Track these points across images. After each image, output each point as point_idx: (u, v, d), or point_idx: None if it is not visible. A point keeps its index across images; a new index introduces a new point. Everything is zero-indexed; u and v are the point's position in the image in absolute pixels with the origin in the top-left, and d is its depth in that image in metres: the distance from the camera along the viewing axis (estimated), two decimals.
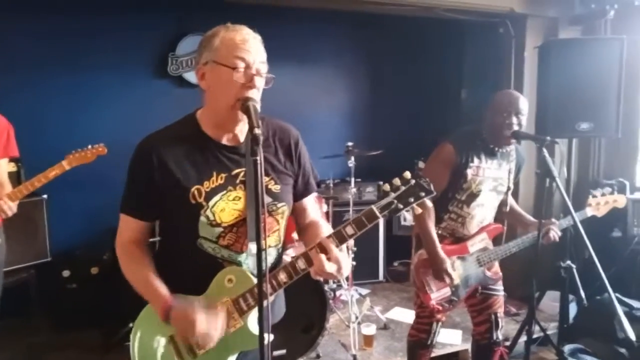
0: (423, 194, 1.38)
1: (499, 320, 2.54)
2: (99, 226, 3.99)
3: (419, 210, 1.40)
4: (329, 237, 1.39)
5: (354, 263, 3.69)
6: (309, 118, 4.81)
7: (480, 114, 2.54)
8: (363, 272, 4.37)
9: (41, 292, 3.74)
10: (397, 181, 1.38)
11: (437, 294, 2.42)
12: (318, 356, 3.24)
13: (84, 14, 4.04)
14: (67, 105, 4.08)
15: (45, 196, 3.49)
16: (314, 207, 1.68)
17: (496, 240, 2.54)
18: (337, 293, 4.11)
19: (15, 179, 3.47)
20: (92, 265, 3.68)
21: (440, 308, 2.43)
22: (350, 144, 3.85)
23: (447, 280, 2.38)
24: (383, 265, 4.73)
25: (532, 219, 2.62)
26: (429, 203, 1.39)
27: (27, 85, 3.88)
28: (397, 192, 1.38)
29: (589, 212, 2.60)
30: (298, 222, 1.64)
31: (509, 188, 2.53)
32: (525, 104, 2.39)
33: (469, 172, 2.38)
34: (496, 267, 2.56)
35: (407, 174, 1.38)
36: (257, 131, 1.22)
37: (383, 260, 4.72)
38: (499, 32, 4.37)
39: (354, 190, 3.93)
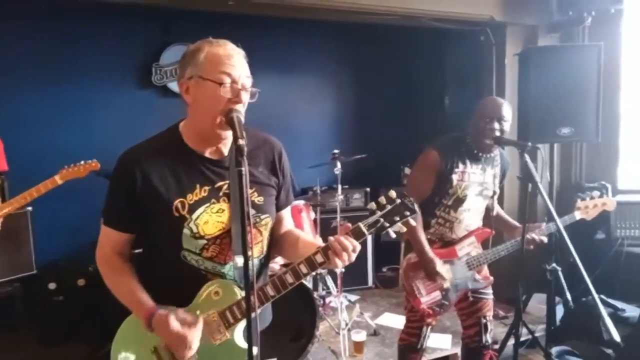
0: (408, 213, 1.42)
1: (488, 323, 2.57)
2: (84, 238, 3.92)
3: (404, 229, 1.43)
4: (315, 253, 1.41)
5: (343, 270, 3.70)
6: (295, 127, 4.84)
7: (463, 120, 2.58)
8: (352, 278, 4.39)
9: (26, 305, 3.69)
10: (383, 200, 1.42)
11: (427, 298, 2.44)
12: None
13: (67, 25, 4.02)
14: (50, 114, 4.05)
15: (30, 208, 3.45)
16: (290, 218, 1.72)
17: (484, 244, 2.58)
18: (327, 300, 4.11)
19: None
20: (78, 277, 3.63)
21: (431, 312, 2.45)
22: (336, 151, 3.87)
23: (440, 280, 2.40)
24: (372, 271, 4.74)
25: (517, 224, 2.66)
26: (413, 222, 1.43)
27: (7, 95, 3.84)
28: (383, 211, 1.41)
29: (578, 215, 2.63)
30: (273, 231, 1.63)
31: (494, 192, 2.57)
32: (508, 110, 2.44)
33: (454, 177, 2.43)
34: (485, 271, 2.60)
35: (393, 193, 1.42)
36: (242, 142, 1.23)
37: (372, 266, 4.73)
38: (479, 40, 4.45)
39: (341, 197, 3.94)
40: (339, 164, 3.80)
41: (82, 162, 2.71)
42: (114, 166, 1.46)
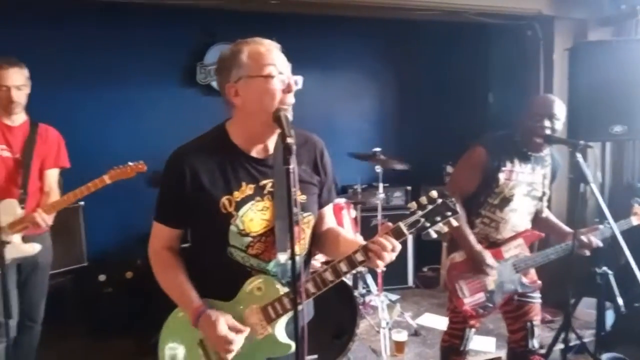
0: (449, 213, 1.40)
1: (535, 328, 2.50)
2: (133, 232, 4.08)
3: (445, 229, 1.41)
4: (355, 251, 1.41)
5: (384, 269, 3.67)
6: (336, 124, 4.85)
7: (508, 118, 2.51)
8: (392, 277, 4.36)
9: (78, 296, 3.85)
10: (424, 199, 1.40)
11: (470, 299, 2.40)
12: None
13: (113, 25, 4.13)
14: (97, 114, 4.18)
15: (82, 203, 3.60)
16: (332, 215, 1.72)
17: (531, 247, 2.50)
18: (367, 298, 4.10)
19: None
20: (126, 270, 3.77)
21: (474, 313, 2.40)
22: (377, 149, 3.84)
23: (489, 271, 2.35)
24: (412, 271, 4.70)
25: (567, 228, 2.56)
26: (455, 222, 1.40)
27: (57, 96, 3.98)
28: (424, 211, 1.40)
29: (634, 221, 2.48)
30: (314, 228, 1.65)
31: (544, 193, 2.49)
32: (560, 108, 2.36)
33: (501, 175, 2.37)
34: (533, 274, 2.52)
35: (434, 193, 1.40)
36: (290, 141, 1.24)
37: (412, 266, 4.69)
38: (526, 34, 4.32)
39: (382, 195, 3.92)
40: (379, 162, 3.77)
41: (130, 164, 2.80)
42: (165, 164, 1.51)
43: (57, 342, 3.58)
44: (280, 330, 1.48)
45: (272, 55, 1.41)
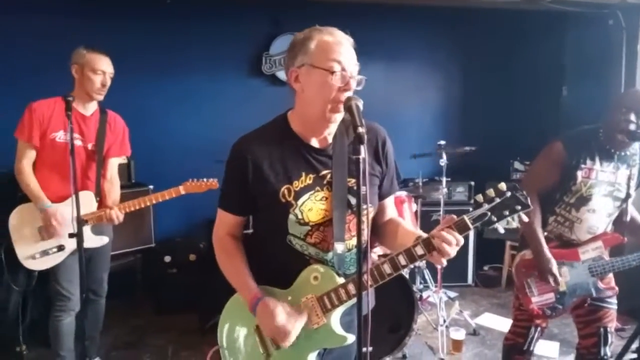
0: (519, 207, 1.32)
1: (609, 335, 2.35)
2: (197, 217, 4.26)
3: (514, 224, 1.34)
4: (415, 245, 1.37)
5: (445, 263, 3.59)
6: (399, 116, 4.77)
7: (583, 113, 2.37)
8: (451, 274, 4.26)
9: (145, 275, 4.07)
10: (491, 192, 1.33)
11: (538, 298, 2.31)
12: (404, 357, 3.20)
13: (180, 15, 4.24)
14: (165, 102, 4.31)
15: (151, 187, 3.77)
16: (393, 207, 1.69)
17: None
18: (425, 294, 4.04)
19: (125, 169, 3.80)
20: (190, 252, 3.93)
21: (541, 313, 2.31)
22: (442, 142, 3.75)
23: (552, 282, 2.26)
24: (472, 269, 4.57)
25: None
26: (525, 217, 1.33)
27: (125, 83, 4.11)
28: (491, 204, 1.33)
29: None
30: (375, 220, 1.63)
31: (628, 195, 2.32)
32: None
33: (580, 173, 2.24)
34: (610, 278, 2.37)
35: (503, 186, 1.33)
36: (361, 130, 1.21)
37: (472, 264, 4.56)
38: (606, 23, 4.05)
39: (445, 190, 3.83)
40: (444, 156, 3.69)
41: (205, 180, 2.91)
42: (228, 154, 1.53)
43: (126, 316, 3.81)
44: (335, 321, 1.47)
45: (341, 50, 1.39)
